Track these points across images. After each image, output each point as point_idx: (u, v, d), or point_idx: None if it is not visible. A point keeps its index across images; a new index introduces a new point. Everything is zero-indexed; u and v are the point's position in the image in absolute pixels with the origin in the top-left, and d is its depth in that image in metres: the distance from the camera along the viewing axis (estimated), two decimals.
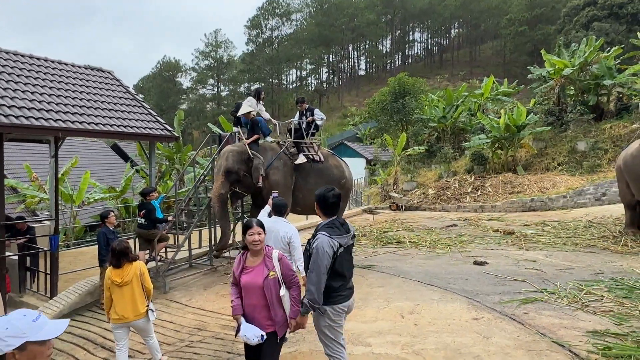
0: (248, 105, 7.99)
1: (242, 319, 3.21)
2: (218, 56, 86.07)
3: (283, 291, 3.22)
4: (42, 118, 7.13)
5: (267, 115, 8.51)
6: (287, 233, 4.62)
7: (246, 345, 3.27)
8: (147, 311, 4.36)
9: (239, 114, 8.21)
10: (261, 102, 8.51)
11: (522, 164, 18.14)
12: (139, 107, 9.71)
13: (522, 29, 62.87)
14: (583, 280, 6.31)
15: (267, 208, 5.31)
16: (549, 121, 18.28)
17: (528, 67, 21.82)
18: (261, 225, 3.26)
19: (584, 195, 14.42)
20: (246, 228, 3.25)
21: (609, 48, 19.17)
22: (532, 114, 18.23)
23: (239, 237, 9.57)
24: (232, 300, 3.32)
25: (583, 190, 14.53)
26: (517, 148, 18.29)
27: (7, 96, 7.09)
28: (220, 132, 11.28)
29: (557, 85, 18.56)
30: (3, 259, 6.68)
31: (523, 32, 62.97)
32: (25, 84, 7.79)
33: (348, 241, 3.29)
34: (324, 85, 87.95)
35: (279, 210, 4.83)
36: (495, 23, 72.26)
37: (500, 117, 17.88)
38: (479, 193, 17.01)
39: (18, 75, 7.92)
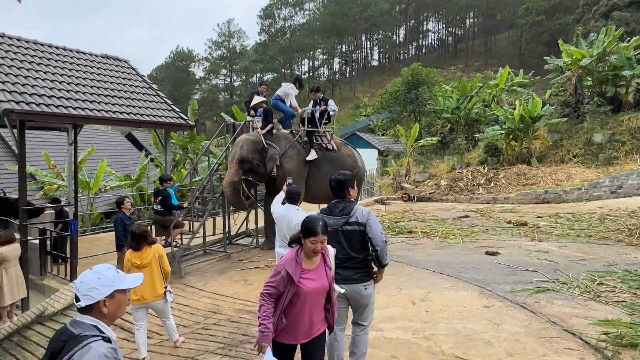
0: (290, 89, 8.42)
1: (269, 351, 2.68)
2: (231, 46, 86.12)
3: (337, 286, 3.04)
4: (62, 106, 7.29)
5: (295, 103, 8.72)
6: (299, 221, 4.67)
7: (279, 347, 2.88)
8: (165, 293, 4.50)
9: (252, 104, 8.30)
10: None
11: (536, 156, 17.94)
12: (154, 95, 9.84)
13: (539, 18, 61.61)
14: (596, 271, 6.30)
15: (282, 194, 5.36)
16: (564, 112, 18.01)
17: (545, 58, 21.46)
18: (326, 231, 2.82)
19: (600, 188, 14.25)
20: (309, 233, 2.76)
21: (629, 38, 18.70)
22: (547, 105, 17.98)
23: (252, 225, 9.73)
24: (263, 324, 2.72)
25: (598, 183, 14.35)
26: (531, 140, 18.08)
27: (28, 84, 7.25)
28: (234, 121, 11.40)
29: (574, 76, 18.24)
30: (26, 242, 6.90)
31: (540, 22, 61.72)
32: (45, 73, 7.95)
33: (336, 223, 3.34)
34: (337, 76, 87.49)
35: (292, 198, 4.87)
36: (511, 12, 70.91)
37: (515, 109, 17.67)
38: (492, 185, 16.91)
39: (38, 64, 8.08)
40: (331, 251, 3.05)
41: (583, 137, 17.13)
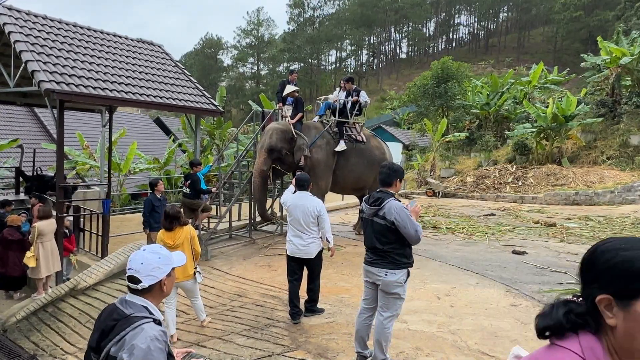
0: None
1: None
2: (259, 35, 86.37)
3: None
4: (99, 88, 7.48)
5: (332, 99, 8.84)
6: (315, 207, 4.68)
7: None
8: (194, 273, 4.61)
9: (284, 93, 8.32)
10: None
11: (567, 156, 17.43)
12: (186, 81, 9.99)
13: (577, 14, 59.46)
14: None
15: (292, 188, 5.24)
16: (600, 112, 17.39)
17: (581, 55, 20.72)
18: None
19: (634, 192, 13.77)
20: None
21: None
22: (582, 104, 17.39)
23: (276, 212, 9.81)
24: None
25: (633, 186, 13.86)
26: (563, 139, 17.55)
27: (67, 65, 7.46)
28: (262, 109, 11.50)
29: (612, 75, 17.56)
30: (62, 218, 7.16)
31: (578, 18, 59.57)
32: (83, 55, 8.15)
33: (368, 212, 3.58)
34: (364, 68, 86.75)
35: (302, 185, 4.83)
36: (547, 7, 68.65)
37: (547, 106, 17.17)
38: (520, 183, 16.55)
39: (77, 46, 8.29)
40: None
41: (619, 138, 16.53)
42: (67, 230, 7.58)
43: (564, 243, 8.52)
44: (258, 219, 9.63)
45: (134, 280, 1.75)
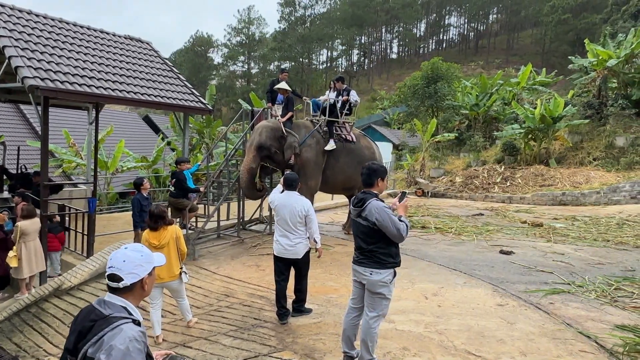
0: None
1: None
2: (250, 33, 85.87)
3: None
4: (85, 85, 7.35)
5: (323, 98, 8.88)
6: (303, 207, 4.65)
7: None
8: (180, 273, 4.55)
9: (275, 87, 8.28)
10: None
11: (555, 157, 17.63)
12: (175, 78, 9.88)
13: (565, 16, 60.11)
14: (613, 275, 6.21)
15: (280, 187, 5.13)
16: (587, 114, 17.62)
17: (569, 57, 20.99)
18: None
19: (619, 192, 13.97)
20: None
21: None
22: (569, 105, 17.61)
23: (265, 212, 9.77)
24: None
25: (618, 187, 14.06)
26: (551, 140, 17.75)
27: (52, 62, 7.32)
28: (252, 107, 11.43)
29: (599, 77, 17.81)
30: (46, 217, 7.03)
31: (566, 20, 60.22)
32: (69, 51, 8.02)
33: (353, 213, 3.62)
34: (355, 67, 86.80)
35: (290, 185, 4.78)
36: (536, 10, 69.27)
37: (535, 108, 17.35)
38: (508, 184, 16.69)
39: (63, 42, 8.15)
40: None
41: (605, 139, 16.77)
42: (59, 227, 7.54)
43: (551, 243, 8.61)
44: (247, 218, 9.61)
45: (114, 278, 1.72)
